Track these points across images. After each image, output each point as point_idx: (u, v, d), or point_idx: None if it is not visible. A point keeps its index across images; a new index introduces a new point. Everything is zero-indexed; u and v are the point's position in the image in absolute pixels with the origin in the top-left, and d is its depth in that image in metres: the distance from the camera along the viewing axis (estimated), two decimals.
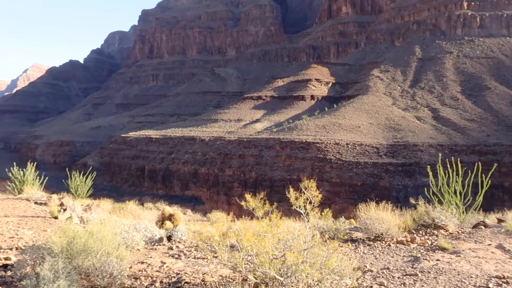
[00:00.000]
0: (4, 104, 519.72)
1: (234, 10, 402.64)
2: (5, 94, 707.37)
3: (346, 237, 15.86)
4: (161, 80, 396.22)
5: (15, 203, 22.41)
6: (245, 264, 9.58)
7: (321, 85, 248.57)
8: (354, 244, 15.50)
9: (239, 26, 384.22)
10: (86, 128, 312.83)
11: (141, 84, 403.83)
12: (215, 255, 10.07)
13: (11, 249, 13.60)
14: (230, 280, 10.70)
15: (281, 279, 8.95)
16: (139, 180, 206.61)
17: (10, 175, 29.86)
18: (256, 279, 9.11)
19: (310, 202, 10.54)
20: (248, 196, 10.06)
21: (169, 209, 17.06)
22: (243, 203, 10.01)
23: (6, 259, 12.21)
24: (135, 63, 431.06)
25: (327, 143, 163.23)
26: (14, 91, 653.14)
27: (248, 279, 9.39)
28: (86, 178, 31.91)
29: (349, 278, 10.21)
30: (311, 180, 10.75)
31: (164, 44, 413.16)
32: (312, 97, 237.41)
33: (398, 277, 11.76)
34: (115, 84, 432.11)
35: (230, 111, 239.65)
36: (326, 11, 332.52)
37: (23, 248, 13.35)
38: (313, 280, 9.33)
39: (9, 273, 11.05)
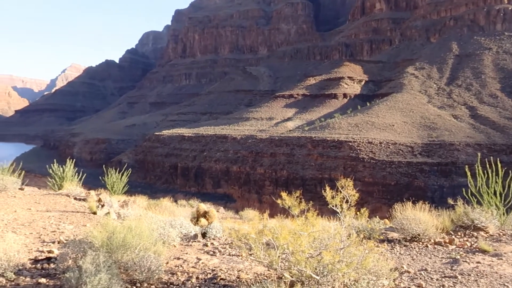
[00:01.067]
0: (44, 103, 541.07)
1: (266, 8, 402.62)
2: (45, 93, 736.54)
3: (381, 237, 15.63)
4: (194, 79, 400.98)
5: (56, 199, 23.20)
6: (280, 262, 9.59)
7: (353, 83, 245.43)
8: (390, 245, 15.25)
9: (271, 24, 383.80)
10: (121, 126, 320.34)
11: (174, 83, 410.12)
12: (250, 252, 10.13)
13: (53, 242, 14.10)
14: (265, 277, 10.74)
15: (317, 277, 8.91)
16: (172, 177, 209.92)
17: (51, 172, 30.74)
18: (292, 277, 9.10)
19: (347, 201, 10.45)
20: (284, 194, 10.06)
21: (203, 207, 17.26)
22: (279, 201, 10.02)
23: (49, 252, 12.67)
24: (168, 62, 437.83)
25: (359, 141, 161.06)
26: (53, 90, 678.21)
27: (283, 277, 9.39)
28: (122, 175, 32.50)
29: (386, 278, 10.07)
30: (348, 179, 10.66)
31: (196, 43, 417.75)
32: (345, 95, 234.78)
33: (437, 279, 11.49)
34: (149, 83, 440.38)
35: (262, 109, 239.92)
36: (359, 8, 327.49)
37: (65, 242, 13.81)
38: (349, 279, 9.25)
39: (52, 265, 11.45)
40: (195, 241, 15.23)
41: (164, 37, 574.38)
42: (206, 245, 14.81)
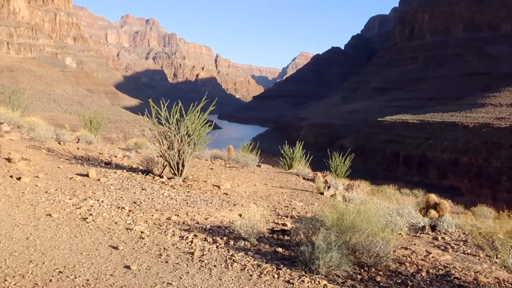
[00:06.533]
0: (276, 89, 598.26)
1: None
2: (277, 80, 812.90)
3: None
4: (421, 63, 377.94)
5: (287, 177, 25.27)
6: None
7: None
8: None
9: None
10: (343, 112, 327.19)
11: (399, 67, 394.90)
12: (493, 253, 8.99)
13: (286, 216, 15.37)
14: (510, 285, 9.40)
15: None
16: (393, 165, 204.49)
17: (282, 152, 33.85)
18: None
19: None
20: None
21: (434, 197, 16.18)
22: None
23: (283, 225, 13.86)
24: (394, 46, 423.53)
25: None
26: (284, 77, 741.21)
27: None
28: (345, 159, 33.22)
29: None
30: None
31: (425, 24, 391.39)
32: None
33: None
34: (372, 69, 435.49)
35: (502, 94, 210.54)
36: None
37: (296, 217, 14.91)
38: None
39: (286, 237, 12.48)
40: (423, 233, 14.41)
41: (390, 21, 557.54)
42: (436, 238, 13.86)
